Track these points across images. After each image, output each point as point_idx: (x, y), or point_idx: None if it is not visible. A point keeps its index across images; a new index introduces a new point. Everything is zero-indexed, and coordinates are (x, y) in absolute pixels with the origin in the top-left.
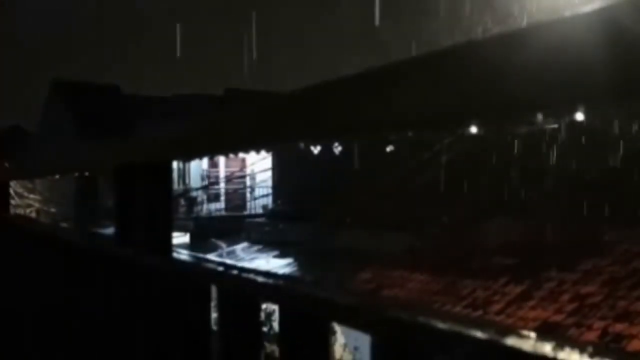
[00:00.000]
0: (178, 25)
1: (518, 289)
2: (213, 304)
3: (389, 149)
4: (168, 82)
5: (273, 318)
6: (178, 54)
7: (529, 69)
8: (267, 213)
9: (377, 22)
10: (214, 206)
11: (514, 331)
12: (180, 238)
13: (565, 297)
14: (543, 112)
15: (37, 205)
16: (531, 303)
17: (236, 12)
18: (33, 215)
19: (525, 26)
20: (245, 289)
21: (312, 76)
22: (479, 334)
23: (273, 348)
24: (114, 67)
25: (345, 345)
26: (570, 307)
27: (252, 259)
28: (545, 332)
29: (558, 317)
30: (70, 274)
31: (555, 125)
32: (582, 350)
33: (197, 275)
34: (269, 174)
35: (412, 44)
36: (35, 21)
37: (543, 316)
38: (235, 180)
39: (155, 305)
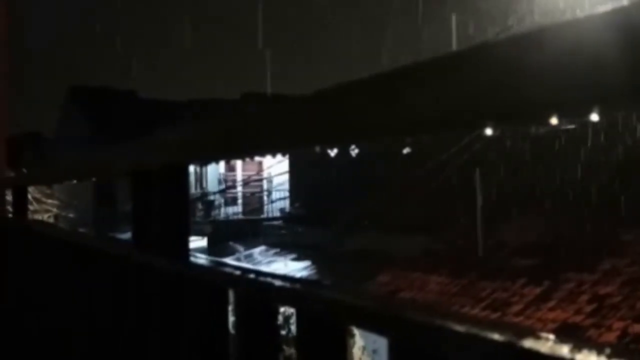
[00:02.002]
0: (193, 29)
1: (537, 290)
2: (230, 307)
3: (405, 150)
4: (185, 87)
5: (291, 321)
6: (195, 58)
7: (544, 70)
8: (285, 216)
9: (393, 23)
10: (231, 210)
11: (533, 333)
12: (197, 242)
13: (584, 297)
14: (559, 113)
15: (55, 210)
16: (550, 304)
17: (254, 14)
18: (51, 220)
19: (540, 27)
20: (262, 293)
21: (328, 79)
22: (497, 336)
23: (292, 351)
24: (131, 72)
25: (363, 348)
26: (589, 308)
27: (270, 262)
28: (564, 333)
29: (577, 318)
30: (88, 278)
31: (573, 125)
32: (600, 352)
33: (215, 279)
34: (286, 177)
35: (429, 45)
36: (51, 27)
37: (562, 317)
38: (252, 184)
39: (173, 310)
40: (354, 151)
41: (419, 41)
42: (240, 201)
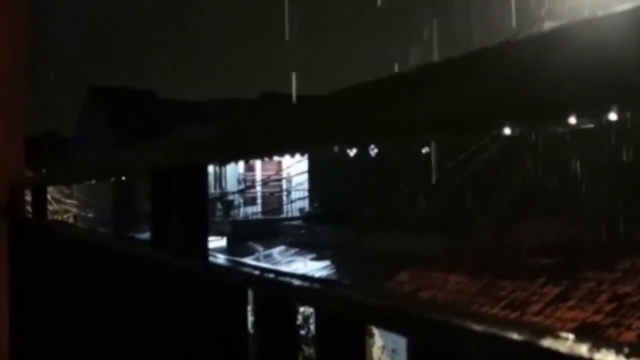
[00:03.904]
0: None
1: (556, 290)
2: (249, 307)
3: (424, 150)
4: (204, 87)
5: (311, 321)
6: (214, 58)
7: (561, 70)
8: (304, 216)
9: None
10: (250, 209)
11: (552, 332)
12: (217, 242)
13: (604, 297)
14: (577, 113)
15: (74, 210)
16: (569, 303)
17: (274, 14)
18: (71, 220)
19: (557, 26)
20: (281, 292)
21: (348, 78)
22: (516, 336)
23: (311, 351)
24: (149, 72)
25: (383, 348)
26: (608, 307)
27: (289, 262)
28: (583, 332)
29: (596, 318)
30: (106, 278)
31: (592, 125)
32: (619, 351)
33: (233, 279)
34: (305, 176)
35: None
36: (71, 26)
37: (581, 317)
38: (272, 184)
39: (191, 310)
40: (374, 150)
41: (439, 41)
42: (259, 201)
